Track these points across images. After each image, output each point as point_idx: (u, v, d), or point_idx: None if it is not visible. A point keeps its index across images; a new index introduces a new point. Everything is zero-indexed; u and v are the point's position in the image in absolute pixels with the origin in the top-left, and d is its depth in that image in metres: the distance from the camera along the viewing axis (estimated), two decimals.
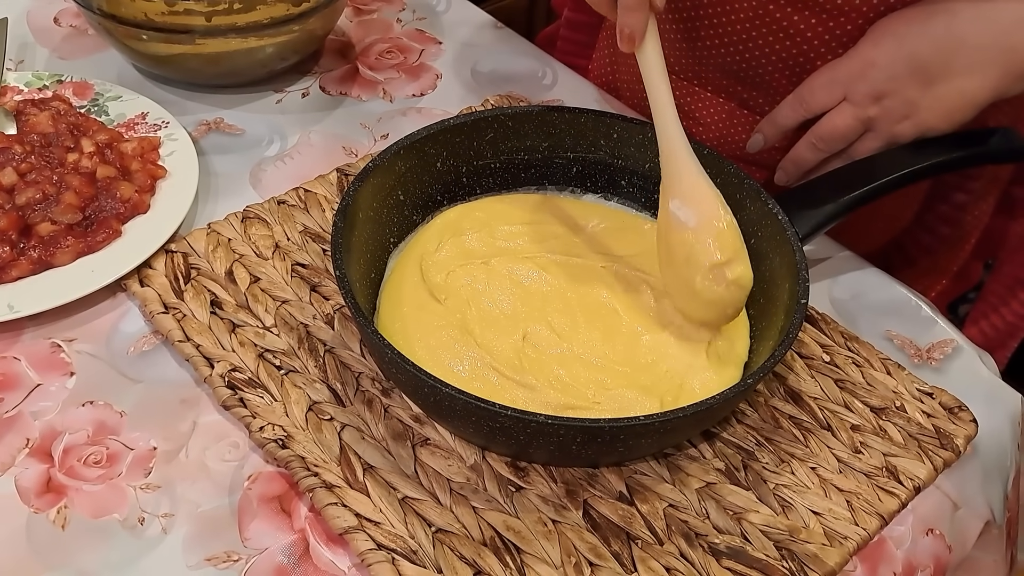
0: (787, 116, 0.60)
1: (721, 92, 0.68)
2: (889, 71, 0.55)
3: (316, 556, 0.45)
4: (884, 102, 0.56)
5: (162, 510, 0.46)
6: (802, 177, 0.62)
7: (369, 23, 0.79)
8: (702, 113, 0.70)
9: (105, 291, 0.55)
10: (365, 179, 0.52)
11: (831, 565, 0.45)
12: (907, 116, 0.56)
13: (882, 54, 0.56)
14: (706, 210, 0.49)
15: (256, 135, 0.67)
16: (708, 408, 0.44)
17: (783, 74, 0.63)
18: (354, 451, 0.48)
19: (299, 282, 0.56)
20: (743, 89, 0.67)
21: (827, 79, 0.58)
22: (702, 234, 0.48)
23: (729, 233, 0.49)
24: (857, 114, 0.57)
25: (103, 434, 0.49)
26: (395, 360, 0.44)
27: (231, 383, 0.50)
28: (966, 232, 0.76)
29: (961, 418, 0.52)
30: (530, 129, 0.59)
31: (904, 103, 0.55)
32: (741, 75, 0.66)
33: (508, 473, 0.48)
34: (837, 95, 0.57)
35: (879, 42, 0.56)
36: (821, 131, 0.58)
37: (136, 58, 0.69)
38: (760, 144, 0.63)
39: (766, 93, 0.65)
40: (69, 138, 0.61)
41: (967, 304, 0.81)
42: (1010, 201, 0.76)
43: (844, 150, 0.59)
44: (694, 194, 0.49)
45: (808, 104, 0.59)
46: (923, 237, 0.76)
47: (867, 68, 0.56)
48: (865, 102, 0.56)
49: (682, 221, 0.49)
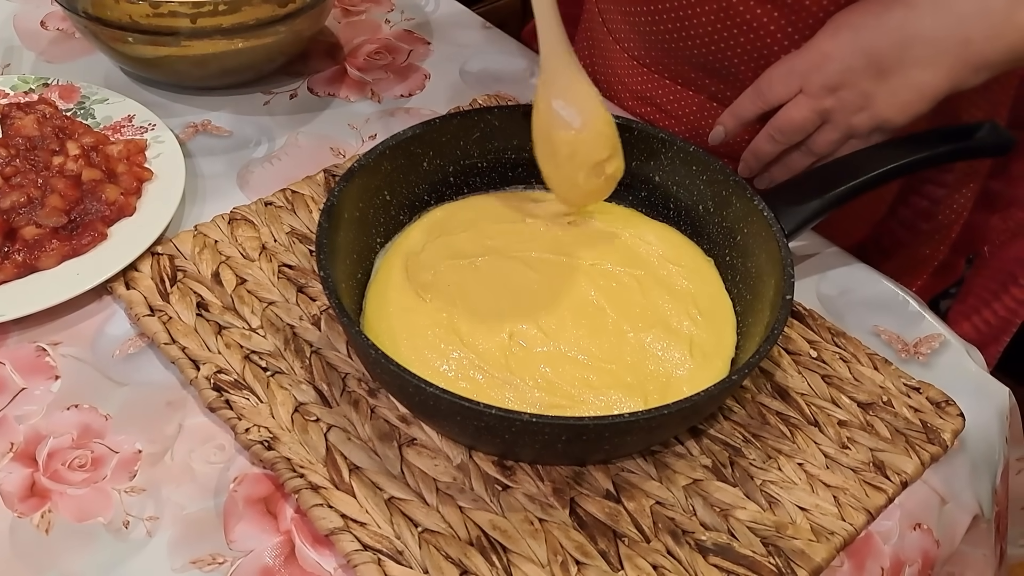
0: (746, 108, 0.60)
1: (691, 85, 0.69)
2: (844, 63, 0.55)
3: (302, 557, 0.44)
4: (839, 93, 0.56)
5: (147, 513, 0.46)
6: (763, 169, 0.62)
7: (357, 24, 0.79)
8: (673, 106, 0.71)
9: (90, 294, 0.54)
10: (350, 179, 0.52)
11: (818, 561, 0.45)
12: (863, 108, 0.56)
13: (838, 46, 0.56)
14: (589, 110, 0.51)
15: (244, 137, 0.67)
16: (693, 405, 0.44)
17: (748, 67, 0.64)
18: (340, 452, 0.48)
19: (286, 283, 0.56)
20: (711, 82, 0.67)
21: (784, 71, 0.58)
22: (587, 133, 0.51)
23: (609, 131, 0.52)
24: (813, 106, 0.57)
25: (88, 437, 0.48)
26: (380, 361, 0.44)
27: (217, 385, 0.50)
28: (944, 226, 0.76)
29: (948, 412, 0.52)
30: (517, 128, 0.59)
31: (859, 95, 0.55)
32: (708, 67, 0.66)
33: (495, 472, 0.47)
34: (794, 87, 0.57)
35: (836, 34, 0.56)
36: (778, 123, 0.58)
37: (122, 61, 0.69)
38: (721, 136, 0.63)
39: (734, 86, 0.65)
40: (54, 141, 0.61)
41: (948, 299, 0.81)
42: (990, 195, 0.76)
43: (803, 142, 0.59)
44: (576, 94, 0.51)
45: (766, 96, 0.59)
46: (899, 231, 0.76)
47: (823, 60, 0.56)
48: (821, 94, 0.56)
49: (566, 120, 0.51)
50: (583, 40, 0.81)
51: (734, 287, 0.55)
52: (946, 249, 0.76)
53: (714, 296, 0.55)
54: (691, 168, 0.57)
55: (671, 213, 0.59)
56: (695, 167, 0.57)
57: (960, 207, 0.75)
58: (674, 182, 0.58)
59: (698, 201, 0.57)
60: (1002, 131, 0.58)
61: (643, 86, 0.72)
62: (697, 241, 0.58)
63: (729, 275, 0.56)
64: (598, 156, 0.51)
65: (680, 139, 0.57)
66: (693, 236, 0.58)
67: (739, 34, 0.63)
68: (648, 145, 0.58)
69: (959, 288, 0.79)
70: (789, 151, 0.60)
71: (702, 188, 0.57)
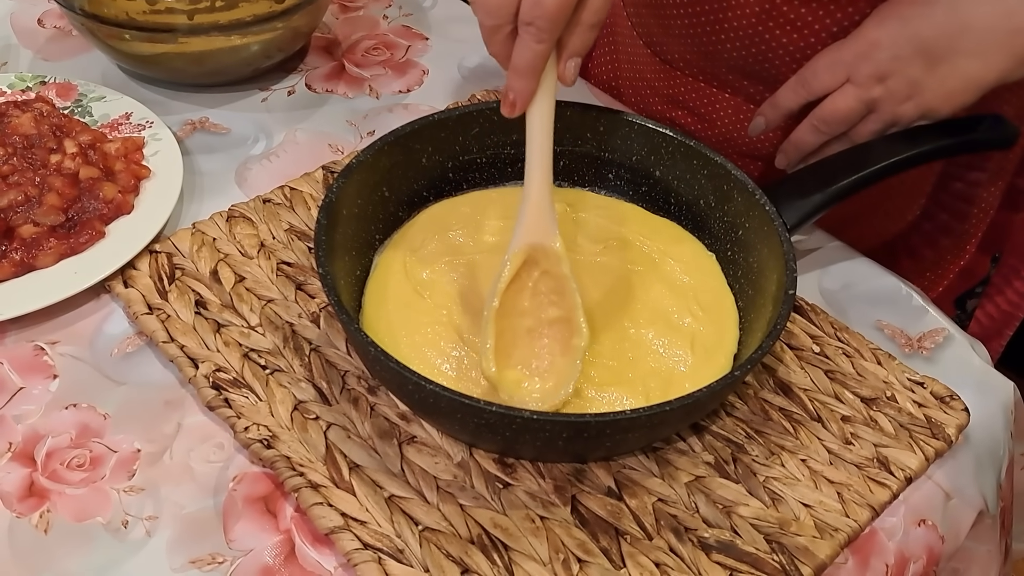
0: (789, 98, 0.59)
1: (727, 87, 0.67)
2: (893, 51, 0.54)
3: (302, 556, 0.44)
4: (888, 82, 0.55)
5: (146, 512, 0.45)
6: (802, 160, 0.61)
7: (355, 20, 0.79)
8: (708, 110, 0.70)
9: (88, 293, 0.54)
10: (349, 176, 0.52)
11: (822, 558, 0.45)
12: (910, 97, 0.55)
13: (886, 35, 0.55)
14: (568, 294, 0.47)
15: (242, 134, 0.67)
16: (695, 402, 0.43)
17: (789, 68, 0.63)
18: (340, 450, 0.47)
19: (284, 281, 0.55)
20: (749, 83, 0.66)
21: (830, 60, 0.57)
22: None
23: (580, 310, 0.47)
24: (860, 95, 0.56)
25: (86, 437, 0.48)
26: (379, 358, 0.43)
27: (216, 383, 0.50)
28: (972, 225, 0.75)
29: (953, 407, 0.52)
30: (516, 123, 0.58)
31: (908, 83, 0.55)
32: (748, 70, 0.65)
33: (495, 470, 0.47)
34: (840, 76, 0.56)
35: (883, 23, 0.55)
36: (823, 113, 0.57)
37: (120, 58, 0.68)
38: (761, 127, 0.62)
39: (772, 88, 0.64)
40: (52, 139, 0.61)
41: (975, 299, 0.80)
42: (1015, 193, 0.75)
43: (845, 133, 0.58)
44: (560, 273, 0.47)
45: (811, 86, 0.58)
46: (928, 229, 0.76)
47: (871, 49, 0.55)
48: (869, 83, 0.55)
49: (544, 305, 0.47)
50: (605, 44, 0.80)
51: (736, 282, 0.55)
52: (972, 248, 0.76)
53: (716, 291, 0.55)
54: (692, 163, 0.56)
55: (672, 208, 0.59)
56: (696, 161, 0.56)
57: (988, 205, 0.74)
58: (675, 177, 0.58)
59: (699, 196, 0.57)
60: (1007, 124, 0.57)
61: (675, 90, 0.70)
62: (698, 236, 0.57)
63: (731, 270, 0.55)
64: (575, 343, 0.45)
65: (681, 133, 0.56)
66: (694, 231, 0.58)
67: (781, 35, 0.61)
68: (649, 140, 0.57)
69: (984, 287, 0.78)
70: (830, 142, 0.59)
71: (703, 183, 0.56)
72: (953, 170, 0.72)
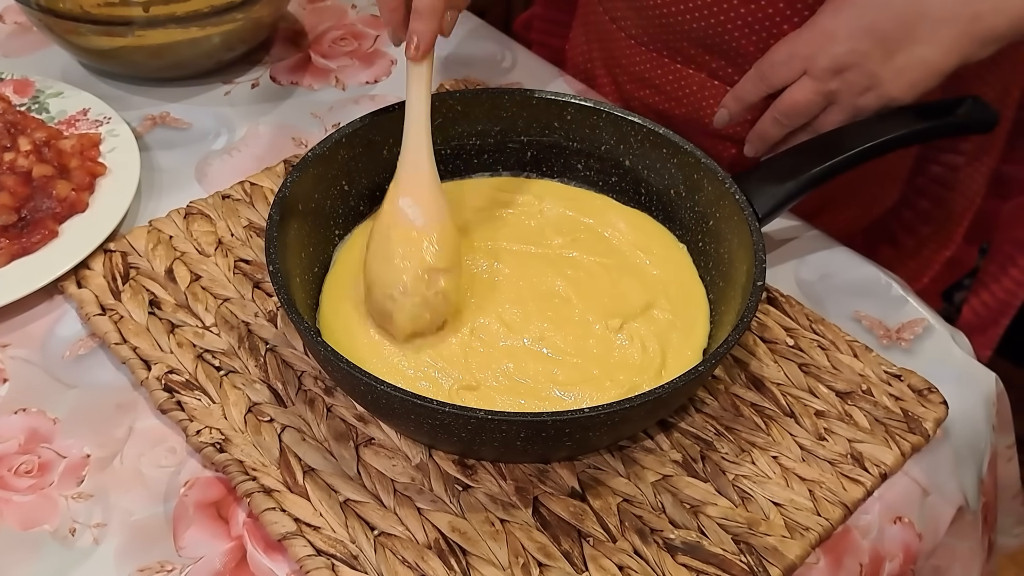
0: (749, 92, 0.58)
1: (691, 63, 0.66)
2: (849, 44, 0.53)
3: (253, 564, 0.43)
4: (845, 75, 0.54)
5: (94, 520, 0.44)
6: (770, 150, 0.60)
7: (322, 10, 0.77)
8: (673, 87, 0.68)
9: (41, 294, 0.53)
10: (304, 170, 0.50)
11: (791, 558, 0.43)
12: (869, 88, 0.54)
13: (843, 25, 0.53)
14: (435, 214, 0.48)
15: (203, 128, 0.65)
16: (659, 398, 0.42)
17: (750, 40, 0.62)
18: (294, 453, 0.46)
19: (242, 279, 0.54)
20: (712, 58, 0.65)
21: (787, 53, 0.56)
22: (428, 234, 0.47)
23: (452, 244, 0.48)
24: (818, 88, 0.54)
25: (35, 442, 0.47)
26: (329, 358, 0.42)
27: (168, 386, 0.48)
28: (955, 213, 0.73)
29: (931, 400, 0.50)
30: (480, 113, 0.57)
31: (866, 75, 0.53)
32: (709, 43, 0.64)
33: (455, 472, 0.46)
34: (797, 69, 0.55)
35: (839, 11, 0.54)
36: (783, 106, 0.56)
37: (78, 53, 0.67)
38: (726, 119, 0.61)
39: (735, 62, 0.63)
40: (6, 136, 0.59)
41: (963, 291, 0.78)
42: (1002, 180, 0.74)
43: (809, 123, 0.57)
44: (428, 197, 0.48)
45: (769, 79, 0.57)
46: (908, 217, 0.74)
47: (827, 41, 0.54)
48: (825, 76, 0.54)
49: (410, 219, 0.47)
50: (580, 25, 0.79)
51: (707, 274, 0.53)
52: (958, 238, 0.74)
53: (686, 284, 0.53)
54: (661, 151, 0.55)
55: (643, 199, 0.57)
56: (665, 150, 0.54)
57: (972, 192, 0.72)
58: (645, 166, 0.56)
59: (670, 185, 0.55)
60: (986, 107, 0.56)
61: (642, 67, 0.69)
62: (669, 227, 0.56)
63: (702, 261, 0.54)
64: (434, 263, 0.46)
65: (650, 122, 0.55)
66: (665, 222, 0.56)
67: (740, 5, 0.60)
68: (617, 128, 0.56)
69: (972, 279, 0.76)
70: (795, 132, 0.58)
71: (673, 172, 0.55)
72: (930, 153, 0.70)
